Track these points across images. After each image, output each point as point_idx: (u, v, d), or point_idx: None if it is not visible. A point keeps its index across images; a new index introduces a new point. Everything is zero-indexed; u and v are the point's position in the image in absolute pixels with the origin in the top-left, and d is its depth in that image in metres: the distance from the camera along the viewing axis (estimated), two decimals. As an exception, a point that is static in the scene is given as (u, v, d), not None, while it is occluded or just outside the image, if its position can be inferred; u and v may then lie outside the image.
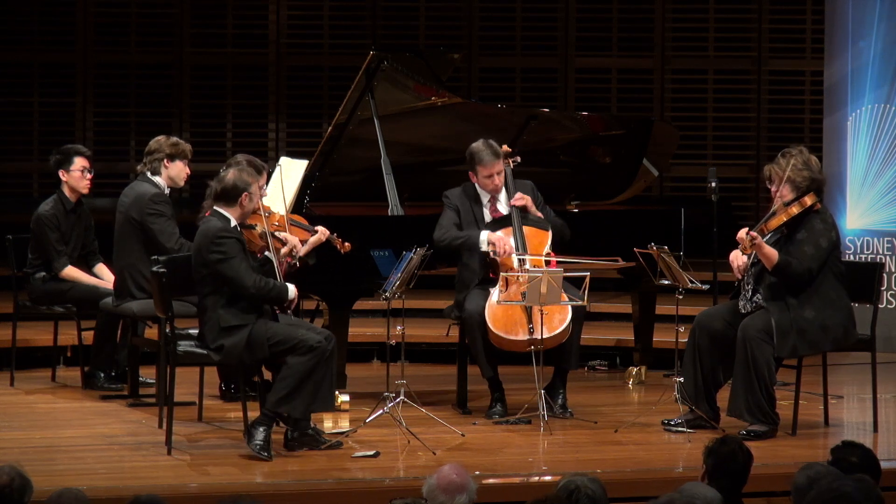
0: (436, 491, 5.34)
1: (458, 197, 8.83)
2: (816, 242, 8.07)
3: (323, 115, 13.84)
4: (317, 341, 7.60)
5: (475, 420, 8.60)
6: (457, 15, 14.25)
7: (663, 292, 9.23)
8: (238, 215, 7.79)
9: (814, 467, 5.45)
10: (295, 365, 7.58)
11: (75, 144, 9.97)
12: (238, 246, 7.66)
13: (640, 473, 7.44)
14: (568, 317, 8.45)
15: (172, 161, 9.17)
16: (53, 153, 9.51)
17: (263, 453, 7.53)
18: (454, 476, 5.37)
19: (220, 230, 7.69)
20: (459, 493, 5.33)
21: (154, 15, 14.06)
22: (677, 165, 13.47)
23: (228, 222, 7.74)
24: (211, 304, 7.70)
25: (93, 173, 9.51)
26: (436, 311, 9.86)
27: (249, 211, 7.84)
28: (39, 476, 6.79)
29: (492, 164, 8.72)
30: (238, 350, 7.64)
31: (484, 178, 8.74)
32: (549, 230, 8.73)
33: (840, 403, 9.26)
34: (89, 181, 9.48)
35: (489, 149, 8.73)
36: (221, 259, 7.63)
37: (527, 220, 8.74)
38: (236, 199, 7.77)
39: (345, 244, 8.45)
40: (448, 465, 5.43)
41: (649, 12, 14.19)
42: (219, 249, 7.64)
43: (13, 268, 9.65)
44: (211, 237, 7.69)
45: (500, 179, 8.77)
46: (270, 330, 7.66)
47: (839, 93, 11.33)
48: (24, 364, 10.01)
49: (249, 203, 7.80)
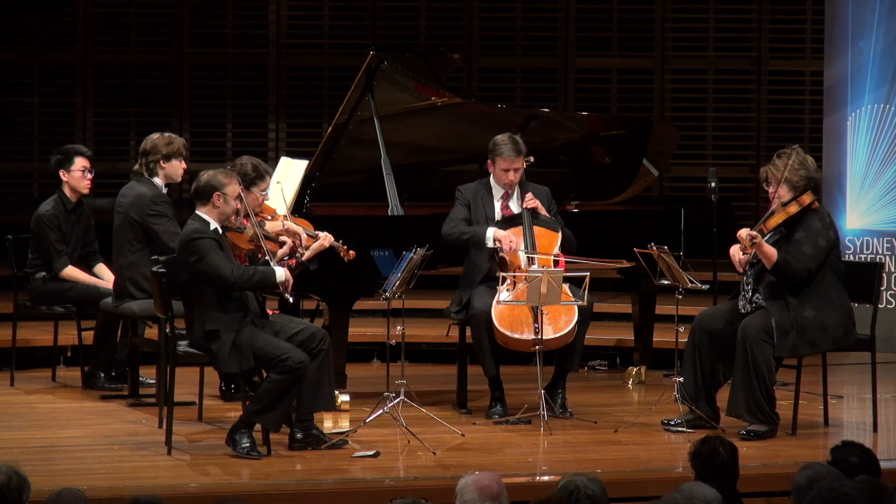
0: (471, 487, 5.29)
1: (471, 191, 8.85)
2: (815, 242, 8.07)
3: (323, 115, 13.84)
4: (297, 362, 7.57)
5: (475, 420, 8.60)
6: (457, 15, 14.25)
7: (663, 292, 9.24)
8: (215, 216, 7.74)
9: (814, 467, 5.45)
10: (275, 381, 7.59)
11: (76, 144, 9.97)
12: (212, 244, 7.62)
13: (640, 473, 7.44)
14: (574, 318, 8.46)
15: (168, 161, 9.16)
16: (54, 153, 9.52)
17: (253, 454, 7.55)
18: (494, 485, 5.33)
19: (192, 232, 7.68)
20: (491, 500, 5.30)
21: (154, 15, 14.06)
22: (677, 165, 13.48)
23: (207, 224, 7.72)
24: (196, 311, 7.69)
25: (93, 173, 9.52)
26: (436, 311, 9.86)
27: (227, 212, 7.76)
28: (39, 476, 6.81)
29: (512, 158, 8.73)
30: (223, 355, 7.64)
31: (501, 169, 8.75)
32: (560, 231, 8.74)
33: (840, 403, 9.26)
34: (90, 181, 9.48)
35: (513, 143, 8.75)
36: (197, 259, 7.62)
37: (537, 220, 8.75)
38: (209, 199, 7.73)
39: (349, 252, 8.36)
40: (491, 473, 5.40)
41: (649, 12, 14.19)
42: (193, 251, 7.63)
43: (13, 268, 9.64)
44: (184, 241, 7.70)
45: (515, 177, 8.77)
46: (257, 341, 7.64)
47: (839, 93, 11.33)
48: (24, 364, 10.01)
49: (224, 204, 7.73)
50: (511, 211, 8.83)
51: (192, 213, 7.78)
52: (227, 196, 7.74)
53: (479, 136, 9.60)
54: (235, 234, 7.87)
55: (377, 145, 9.25)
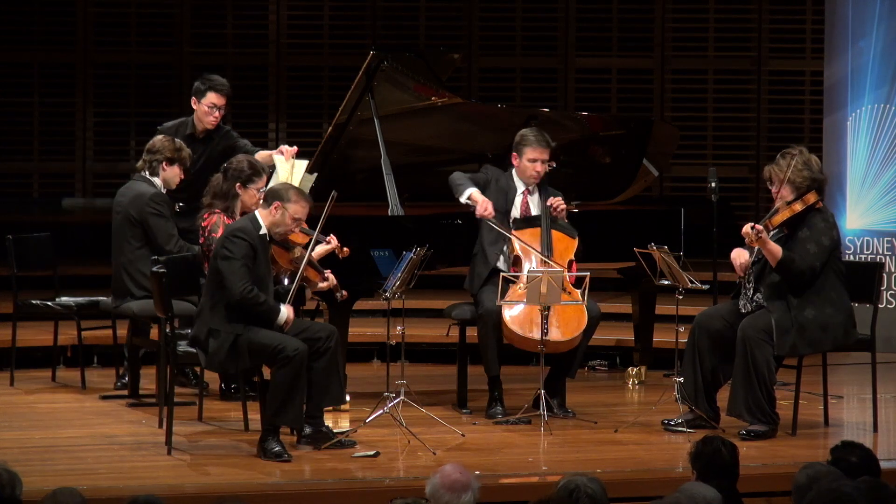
0: (440, 490, 5.32)
1: (495, 172, 8.87)
2: (819, 241, 8.08)
3: (323, 115, 13.84)
4: (293, 350, 7.56)
5: (475, 420, 8.61)
6: (457, 15, 14.25)
7: (663, 292, 9.24)
8: (269, 222, 7.73)
9: (814, 467, 5.45)
10: (278, 378, 7.59)
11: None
12: (246, 249, 7.61)
13: (640, 473, 7.44)
14: (584, 324, 8.47)
15: (171, 165, 9.15)
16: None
17: (285, 456, 7.54)
18: (458, 475, 5.35)
19: (239, 229, 7.68)
20: (464, 492, 5.32)
21: (154, 15, 14.06)
22: (677, 165, 13.48)
23: (258, 227, 7.72)
24: (208, 304, 7.69)
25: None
26: (436, 311, 9.87)
27: (280, 225, 7.71)
28: (39, 476, 6.84)
29: (540, 148, 8.74)
30: (220, 356, 7.63)
31: (528, 160, 8.75)
32: (577, 238, 8.74)
33: (840, 403, 9.26)
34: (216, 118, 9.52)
35: (540, 135, 8.79)
36: (226, 256, 7.62)
37: (556, 224, 8.75)
38: (269, 204, 7.74)
39: (343, 249, 8.41)
40: (449, 465, 5.42)
41: (649, 12, 14.19)
42: (227, 246, 7.63)
43: (13, 268, 9.64)
44: (228, 233, 7.70)
45: (542, 168, 8.77)
46: (252, 337, 7.63)
47: (839, 93, 11.33)
48: (24, 364, 10.01)
49: (280, 216, 7.70)
50: (529, 209, 8.83)
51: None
52: (286, 210, 7.71)
53: (479, 136, 9.61)
54: (281, 250, 7.86)
55: (377, 145, 9.25)
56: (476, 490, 5.36)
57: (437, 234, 8.75)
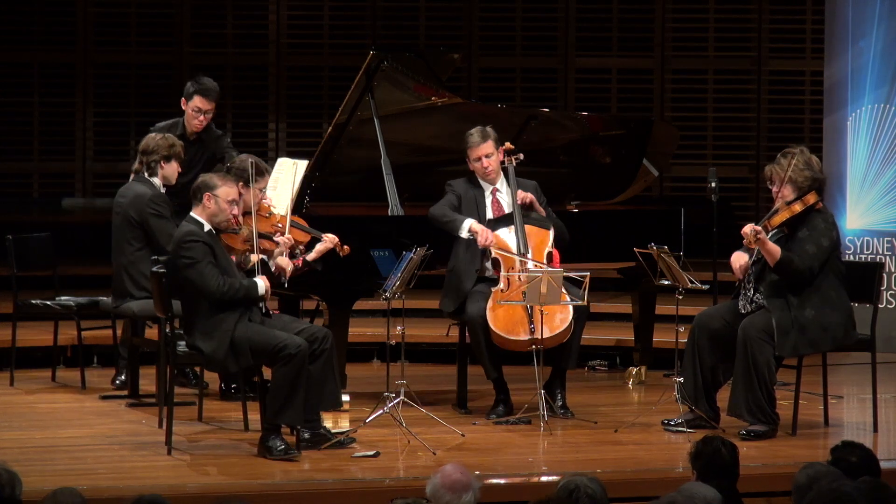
0: (441, 491, 5.32)
1: (461, 186, 8.82)
2: (818, 241, 8.07)
3: (323, 115, 13.84)
4: (296, 347, 7.57)
5: (475, 420, 8.60)
6: (457, 15, 14.25)
7: (663, 292, 9.23)
8: (206, 217, 7.74)
9: (814, 467, 5.45)
10: (279, 377, 7.58)
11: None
12: (204, 250, 7.61)
13: (640, 473, 7.44)
14: (570, 316, 8.44)
15: (168, 162, 9.15)
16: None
17: (292, 452, 7.54)
18: (458, 475, 5.35)
19: (187, 234, 7.67)
20: (465, 492, 5.31)
21: (154, 15, 14.06)
22: (677, 165, 13.48)
23: (200, 226, 7.72)
24: (192, 316, 7.69)
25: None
26: (436, 311, 9.85)
27: (219, 213, 7.74)
28: (39, 476, 6.84)
29: (479, 145, 8.69)
30: (221, 356, 7.63)
31: (474, 160, 8.73)
32: (551, 229, 8.72)
33: (840, 403, 9.26)
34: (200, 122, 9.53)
35: (478, 131, 8.72)
36: (188, 264, 7.61)
37: (529, 218, 8.72)
38: (200, 199, 7.74)
39: (343, 247, 8.43)
40: (450, 465, 5.42)
41: (649, 12, 14.19)
42: (185, 254, 7.63)
43: (13, 268, 9.64)
44: (178, 242, 7.69)
45: (490, 163, 8.71)
46: (252, 335, 7.63)
47: (839, 93, 11.33)
48: (24, 364, 10.00)
49: (215, 206, 7.71)
50: (501, 206, 8.81)
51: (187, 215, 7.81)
52: (217, 198, 7.72)
53: (480, 137, 9.59)
54: (230, 235, 7.86)
55: (377, 145, 9.25)
56: (477, 490, 5.36)
57: (437, 235, 8.73)
